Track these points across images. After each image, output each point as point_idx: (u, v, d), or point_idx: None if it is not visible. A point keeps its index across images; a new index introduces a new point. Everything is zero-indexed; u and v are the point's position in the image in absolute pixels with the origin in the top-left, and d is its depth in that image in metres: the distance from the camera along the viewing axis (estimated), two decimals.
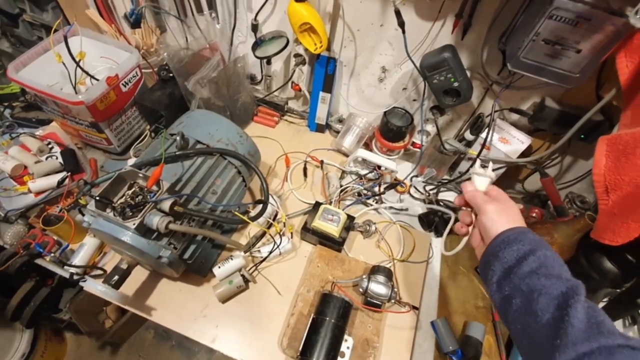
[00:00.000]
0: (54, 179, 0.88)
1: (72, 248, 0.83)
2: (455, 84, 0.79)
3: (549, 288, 0.38)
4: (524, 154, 0.88)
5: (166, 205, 0.61)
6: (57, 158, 0.95)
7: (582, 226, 0.70)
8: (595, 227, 0.63)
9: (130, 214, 0.61)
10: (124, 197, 0.63)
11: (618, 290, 0.79)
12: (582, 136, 0.80)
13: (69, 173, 0.91)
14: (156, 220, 0.59)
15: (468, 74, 0.82)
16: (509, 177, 1.01)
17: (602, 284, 0.79)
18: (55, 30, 0.81)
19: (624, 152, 0.54)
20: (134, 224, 0.58)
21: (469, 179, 0.56)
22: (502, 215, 0.47)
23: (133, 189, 0.64)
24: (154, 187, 0.64)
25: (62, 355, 1.38)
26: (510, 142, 0.88)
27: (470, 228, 0.54)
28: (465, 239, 0.55)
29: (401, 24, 0.69)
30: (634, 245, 0.56)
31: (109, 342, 1.48)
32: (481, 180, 0.55)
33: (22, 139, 0.94)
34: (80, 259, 0.79)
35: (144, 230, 0.60)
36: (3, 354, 1.06)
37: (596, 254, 0.77)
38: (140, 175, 0.64)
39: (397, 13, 0.68)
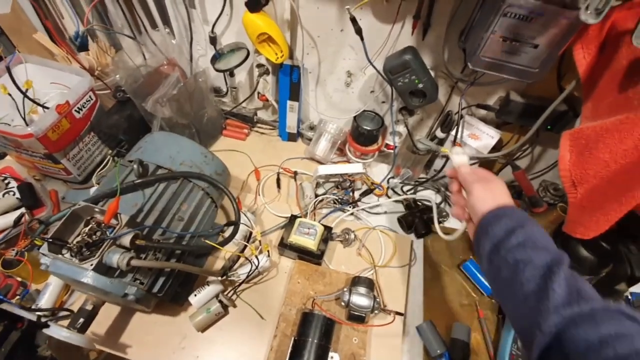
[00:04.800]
0: (12, 217, 0.82)
1: (37, 288, 0.79)
2: (420, 85, 0.78)
3: (534, 259, 0.40)
4: (495, 148, 0.88)
5: (126, 240, 0.57)
6: (14, 194, 0.89)
7: (555, 217, 0.71)
8: (567, 221, 0.63)
9: (88, 253, 0.57)
10: (80, 236, 0.59)
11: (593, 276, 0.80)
12: (549, 127, 0.80)
13: (28, 209, 0.86)
14: (116, 258, 0.55)
15: (432, 73, 0.81)
16: None
17: (580, 271, 0.80)
18: None
19: (587, 147, 0.53)
20: (91, 265, 0.54)
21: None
22: (488, 194, 0.49)
23: (90, 226, 0.60)
24: (113, 221, 0.60)
25: None
26: (480, 137, 0.88)
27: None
28: (464, 223, 0.55)
29: (358, 31, 0.67)
30: (607, 233, 0.56)
31: None
32: (460, 158, 0.57)
33: None
34: (46, 300, 0.75)
35: (104, 269, 0.57)
36: None
37: (572, 242, 0.78)
38: (97, 210, 0.60)
39: (353, 20, 0.65)
